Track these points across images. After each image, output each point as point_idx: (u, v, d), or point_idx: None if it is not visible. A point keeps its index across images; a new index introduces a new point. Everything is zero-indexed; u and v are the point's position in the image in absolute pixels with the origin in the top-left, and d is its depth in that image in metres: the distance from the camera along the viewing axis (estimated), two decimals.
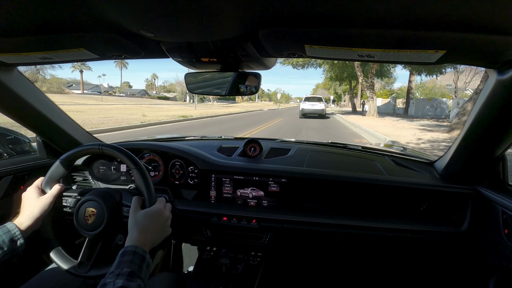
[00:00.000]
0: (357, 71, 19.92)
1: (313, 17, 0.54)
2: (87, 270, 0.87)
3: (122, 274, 0.64)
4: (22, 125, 1.13)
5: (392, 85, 54.16)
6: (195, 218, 1.16)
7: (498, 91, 0.71)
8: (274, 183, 1.17)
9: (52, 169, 0.93)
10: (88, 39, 0.71)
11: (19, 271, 1.18)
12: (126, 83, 76.10)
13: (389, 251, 1.23)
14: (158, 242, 0.82)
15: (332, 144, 1.53)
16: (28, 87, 1.03)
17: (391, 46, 0.60)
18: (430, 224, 1.08)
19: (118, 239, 0.91)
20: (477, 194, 1.04)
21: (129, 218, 0.81)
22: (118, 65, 74.61)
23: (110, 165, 1.34)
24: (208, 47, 0.74)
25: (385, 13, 0.49)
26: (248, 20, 0.58)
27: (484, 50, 0.59)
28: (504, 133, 0.82)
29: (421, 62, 0.67)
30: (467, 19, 0.49)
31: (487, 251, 0.97)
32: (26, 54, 0.78)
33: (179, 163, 1.27)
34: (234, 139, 1.63)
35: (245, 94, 0.90)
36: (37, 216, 0.84)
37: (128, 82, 77.78)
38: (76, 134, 1.30)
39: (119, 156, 0.90)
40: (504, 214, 0.90)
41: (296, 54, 0.73)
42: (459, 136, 0.95)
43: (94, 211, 0.88)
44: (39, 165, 1.27)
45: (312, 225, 1.10)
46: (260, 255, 1.16)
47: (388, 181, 1.11)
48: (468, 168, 1.03)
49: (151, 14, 0.54)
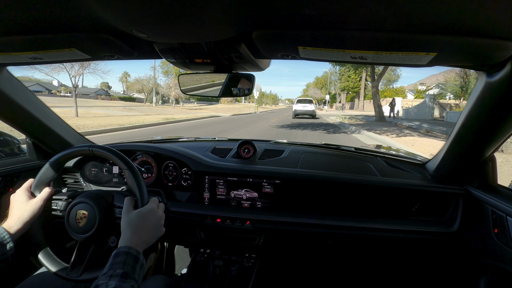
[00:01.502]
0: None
1: (307, 19, 0.54)
2: (79, 273, 0.86)
3: (115, 276, 0.63)
4: (11, 126, 1.10)
5: (395, 84, 46.18)
6: (189, 220, 1.15)
7: (487, 93, 0.72)
8: (268, 184, 1.17)
9: (42, 172, 0.91)
10: (80, 39, 0.70)
11: (7, 275, 1.15)
12: (105, 84, 72.46)
13: (382, 251, 1.24)
14: (152, 242, 0.81)
15: (325, 146, 1.54)
16: (17, 88, 1.01)
17: (383, 48, 0.61)
18: (422, 224, 1.10)
19: (111, 241, 0.90)
20: (467, 195, 1.06)
21: (122, 218, 0.80)
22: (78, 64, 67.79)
23: (102, 167, 1.32)
24: (202, 48, 0.74)
25: (377, 16, 0.50)
26: (241, 22, 0.58)
27: (473, 53, 0.60)
28: (493, 134, 0.83)
29: (412, 64, 0.68)
30: (457, 23, 0.50)
31: (478, 251, 0.99)
32: (16, 54, 0.77)
33: (172, 164, 1.26)
34: (228, 140, 1.63)
35: (239, 96, 0.90)
36: (26, 220, 0.82)
37: (107, 83, 73.42)
38: (67, 135, 1.28)
39: (110, 157, 0.89)
40: (493, 214, 0.92)
41: (289, 56, 0.73)
42: (450, 138, 0.97)
43: (86, 213, 0.87)
44: (29, 167, 1.25)
45: (306, 226, 1.10)
46: (254, 256, 1.16)
47: (381, 182, 1.12)
48: (458, 169, 1.05)
49: (144, 14, 0.53)
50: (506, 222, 0.85)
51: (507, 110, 0.73)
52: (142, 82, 37.85)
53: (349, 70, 43.74)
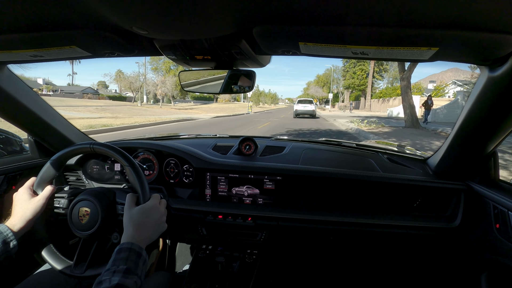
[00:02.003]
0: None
1: (308, 15, 0.54)
2: (83, 270, 0.87)
3: (118, 271, 0.64)
4: (13, 124, 1.11)
5: (398, 81, 44.64)
6: (190, 216, 1.15)
7: (489, 88, 0.72)
8: (270, 181, 1.17)
9: (44, 170, 0.92)
10: (80, 37, 0.69)
11: (11, 273, 1.17)
12: (102, 82, 70.84)
13: (383, 247, 1.24)
14: (154, 238, 0.82)
15: (327, 142, 1.54)
16: (19, 86, 1.01)
17: (384, 44, 0.61)
18: (424, 220, 1.10)
19: (114, 237, 0.91)
20: (469, 190, 1.05)
21: (124, 215, 0.81)
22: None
23: (104, 164, 1.33)
24: (202, 45, 0.74)
25: (378, 11, 0.50)
26: (242, 18, 0.58)
27: (476, 48, 0.60)
28: (496, 129, 0.83)
29: (414, 59, 0.68)
30: (459, 17, 0.49)
31: (479, 246, 0.99)
32: (16, 52, 0.77)
33: (173, 161, 1.27)
34: (229, 137, 1.63)
35: (239, 92, 0.90)
36: (29, 218, 0.83)
37: (104, 82, 71.16)
38: (69, 133, 1.28)
39: (111, 154, 0.90)
40: (495, 209, 0.91)
41: (290, 52, 0.73)
42: (452, 133, 0.96)
43: (88, 210, 0.88)
44: (31, 165, 1.25)
45: (307, 222, 1.10)
46: (255, 253, 1.16)
47: (382, 178, 1.12)
48: (460, 164, 1.05)
49: (144, 11, 0.53)
50: (508, 217, 0.85)
51: (509, 105, 0.73)
52: (129, 79, 34.54)
53: (354, 66, 41.54)
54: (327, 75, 57.27)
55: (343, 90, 49.21)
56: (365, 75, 40.54)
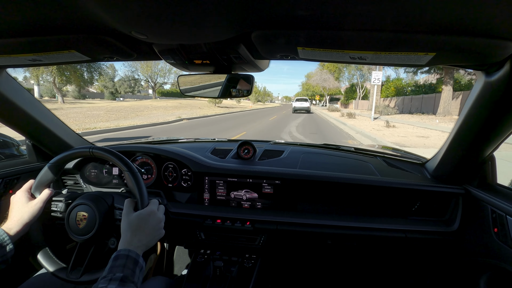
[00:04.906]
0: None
1: (306, 20, 0.54)
2: (79, 275, 0.86)
3: (114, 279, 0.63)
4: (11, 128, 1.10)
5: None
6: (189, 221, 1.15)
7: (486, 92, 0.72)
8: (268, 184, 1.17)
9: (42, 173, 0.91)
10: (79, 41, 0.70)
11: (7, 277, 1.15)
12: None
13: (382, 251, 1.24)
14: (152, 244, 0.81)
15: (325, 146, 1.54)
16: (17, 90, 1.01)
17: (382, 49, 0.61)
18: (422, 224, 1.10)
19: (111, 243, 0.90)
20: (467, 194, 1.06)
21: (122, 221, 0.80)
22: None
23: (102, 168, 1.32)
24: (201, 49, 0.74)
25: (376, 16, 0.50)
26: (241, 23, 0.58)
27: (472, 53, 0.60)
28: (493, 134, 0.83)
29: (411, 64, 0.69)
30: (456, 23, 0.50)
31: (478, 250, 0.99)
32: (15, 56, 0.77)
33: (172, 165, 1.26)
34: (228, 141, 1.63)
35: (238, 96, 0.90)
36: (26, 222, 0.82)
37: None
38: (67, 137, 1.28)
39: (110, 158, 0.89)
40: (493, 213, 0.92)
41: (289, 56, 0.73)
42: (449, 137, 0.97)
43: (86, 215, 0.87)
44: (29, 169, 1.24)
45: (306, 226, 1.10)
46: (254, 257, 1.15)
47: (380, 182, 1.12)
48: (458, 168, 1.05)
49: (143, 16, 0.53)
50: (506, 221, 0.85)
51: (506, 110, 0.73)
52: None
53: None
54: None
55: (361, 83, 33.63)
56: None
